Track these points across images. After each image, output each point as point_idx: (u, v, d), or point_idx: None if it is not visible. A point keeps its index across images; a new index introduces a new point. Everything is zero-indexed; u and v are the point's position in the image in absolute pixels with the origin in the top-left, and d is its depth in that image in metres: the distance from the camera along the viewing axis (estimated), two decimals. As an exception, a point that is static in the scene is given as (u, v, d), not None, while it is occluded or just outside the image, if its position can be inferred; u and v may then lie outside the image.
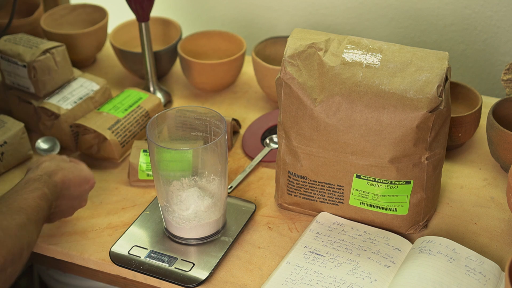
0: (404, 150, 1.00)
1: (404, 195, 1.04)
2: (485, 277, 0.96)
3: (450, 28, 1.49)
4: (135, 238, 1.08)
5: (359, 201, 1.06)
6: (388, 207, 1.05)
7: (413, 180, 1.03)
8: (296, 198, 1.10)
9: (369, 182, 1.04)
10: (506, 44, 1.47)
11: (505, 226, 1.09)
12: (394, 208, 1.05)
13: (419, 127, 0.98)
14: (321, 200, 1.09)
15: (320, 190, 1.08)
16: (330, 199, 1.08)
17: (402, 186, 1.03)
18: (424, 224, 1.08)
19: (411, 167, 1.02)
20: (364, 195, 1.05)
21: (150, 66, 1.38)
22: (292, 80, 1.02)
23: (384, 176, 1.02)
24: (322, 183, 1.07)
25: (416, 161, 1.02)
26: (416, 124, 0.98)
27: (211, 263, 1.03)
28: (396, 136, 0.99)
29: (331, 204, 1.08)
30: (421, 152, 1.01)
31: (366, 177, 1.03)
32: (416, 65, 1.00)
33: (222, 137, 1.00)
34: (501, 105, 1.21)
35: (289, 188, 1.10)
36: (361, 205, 1.06)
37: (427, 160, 1.02)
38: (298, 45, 1.03)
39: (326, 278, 0.99)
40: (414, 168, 1.02)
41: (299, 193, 1.09)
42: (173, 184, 1.03)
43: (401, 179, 1.02)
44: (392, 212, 1.05)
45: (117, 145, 1.24)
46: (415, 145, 1.00)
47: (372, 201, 1.05)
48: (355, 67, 1.00)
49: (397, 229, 1.07)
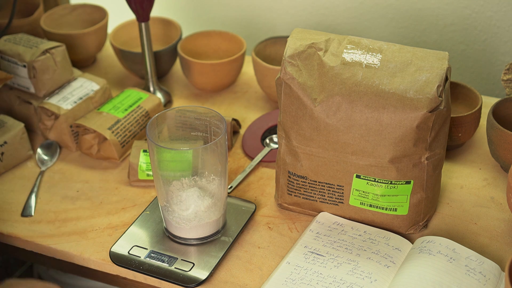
0: (404, 150, 1.00)
1: (404, 195, 1.04)
2: (485, 277, 0.96)
3: (450, 28, 1.49)
4: (135, 238, 1.08)
5: (359, 201, 1.06)
6: (388, 207, 1.05)
7: (413, 180, 1.03)
8: (296, 198, 1.10)
9: (369, 182, 1.04)
10: (506, 44, 1.47)
11: (505, 226, 1.09)
12: (394, 208, 1.05)
13: (419, 127, 0.98)
14: (321, 200, 1.09)
15: (320, 190, 1.08)
16: (330, 199, 1.08)
17: (402, 186, 1.03)
18: (424, 224, 1.08)
19: (411, 167, 1.02)
20: (364, 195, 1.05)
21: (150, 66, 1.38)
22: (292, 80, 1.02)
23: (384, 176, 1.02)
24: (322, 183, 1.07)
25: (416, 161, 1.01)
26: (416, 124, 0.98)
27: (211, 263, 1.03)
28: (396, 136, 0.99)
29: (331, 204, 1.08)
30: (421, 152, 1.01)
31: (366, 177, 1.03)
32: (416, 65, 0.99)
33: (222, 137, 1.00)
34: (501, 105, 1.21)
35: (289, 188, 1.10)
36: (361, 205, 1.06)
37: (427, 160, 1.02)
38: (298, 45, 1.03)
39: (326, 278, 0.99)
40: (414, 168, 1.02)
41: (299, 193, 1.09)
42: (173, 184, 1.03)
43: (401, 179, 1.02)
44: (392, 212, 1.05)
45: (117, 145, 1.24)
46: (415, 145, 1.00)
47: (372, 201, 1.05)
48: (355, 67, 1.00)
49: (397, 229, 1.07)
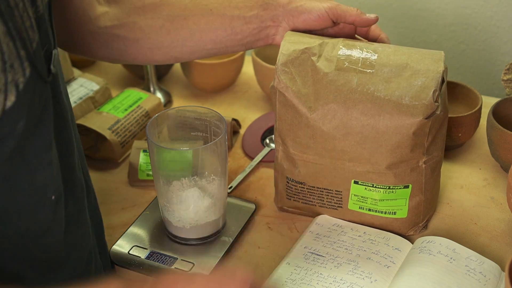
0: (401, 156, 0.99)
1: (402, 198, 1.03)
2: (485, 277, 0.96)
3: (450, 28, 1.49)
4: (135, 238, 1.08)
5: (358, 206, 1.05)
6: (387, 211, 1.05)
7: (411, 184, 1.02)
8: (295, 203, 1.10)
9: (367, 188, 1.03)
10: (506, 44, 1.47)
11: (505, 226, 1.09)
12: (393, 211, 1.05)
13: (416, 133, 0.97)
14: (320, 205, 1.08)
15: (319, 196, 1.07)
16: (329, 203, 1.07)
17: (401, 190, 1.02)
18: (424, 225, 1.08)
19: (409, 171, 1.01)
20: (362, 200, 1.05)
21: (150, 66, 1.38)
22: (286, 89, 1.00)
23: (382, 182, 1.02)
24: (320, 189, 1.06)
25: (414, 165, 1.00)
26: (413, 131, 0.96)
27: (211, 263, 1.03)
28: (393, 143, 0.98)
29: (330, 208, 1.08)
30: (419, 157, 1.00)
31: (364, 183, 1.03)
32: (412, 69, 0.97)
33: (222, 137, 1.00)
34: (501, 105, 1.21)
35: (288, 193, 1.09)
36: (360, 209, 1.06)
37: (425, 164, 1.01)
38: (292, 51, 1.00)
39: (326, 278, 0.99)
40: (412, 173, 1.01)
41: (298, 198, 1.09)
42: (173, 184, 1.03)
43: (399, 183, 1.02)
44: (391, 215, 1.05)
45: (117, 145, 1.24)
46: (412, 151, 0.98)
47: (371, 205, 1.05)
48: (349, 73, 0.98)
49: (397, 231, 1.06)
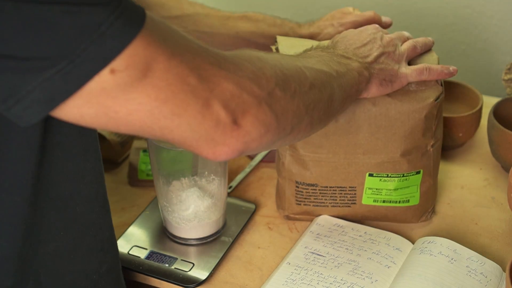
0: (414, 142, 1.01)
1: (414, 185, 1.05)
2: (486, 277, 0.96)
3: (450, 28, 1.49)
4: (135, 238, 1.08)
5: (372, 199, 1.06)
6: (401, 200, 1.06)
7: (422, 169, 1.04)
8: (305, 207, 1.09)
9: (382, 179, 1.04)
10: (507, 43, 1.46)
11: (506, 226, 1.09)
12: (407, 199, 1.06)
13: (427, 116, 1.00)
14: (332, 205, 1.08)
15: (331, 195, 1.07)
16: (342, 201, 1.07)
17: (413, 176, 1.04)
18: (432, 210, 1.10)
19: (420, 156, 1.03)
20: (377, 192, 1.05)
21: (150, 66, 1.38)
22: None
23: (396, 170, 1.03)
24: (333, 188, 1.06)
25: (424, 150, 1.03)
26: (425, 114, 0.99)
27: (211, 263, 1.03)
28: (406, 129, 1.00)
29: (343, 206, 1.08)
30: (427, 141, 1.03)
31: (379, 174, 1.04)
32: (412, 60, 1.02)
33: (222, 137, 1.00)
34: (502, 105, 1.21)
35: (297, 198, 1.09)
36: (374, 202, 1.06)
37: (432, 147, 1.04)
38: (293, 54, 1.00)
39: (326, 278, 0.98)
40: (422, 158, 1.03)
41: (309, 201, 1.08)
42: (173, 184, 1.03)
43: (412, 170, 1.03)
44: (405, 204, 1.06)
45: (117, 145, 1.24)
46: (423, 135, 1.01)
47: (386, 196, 1.05)
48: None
49: (410, 220, 1.08)
